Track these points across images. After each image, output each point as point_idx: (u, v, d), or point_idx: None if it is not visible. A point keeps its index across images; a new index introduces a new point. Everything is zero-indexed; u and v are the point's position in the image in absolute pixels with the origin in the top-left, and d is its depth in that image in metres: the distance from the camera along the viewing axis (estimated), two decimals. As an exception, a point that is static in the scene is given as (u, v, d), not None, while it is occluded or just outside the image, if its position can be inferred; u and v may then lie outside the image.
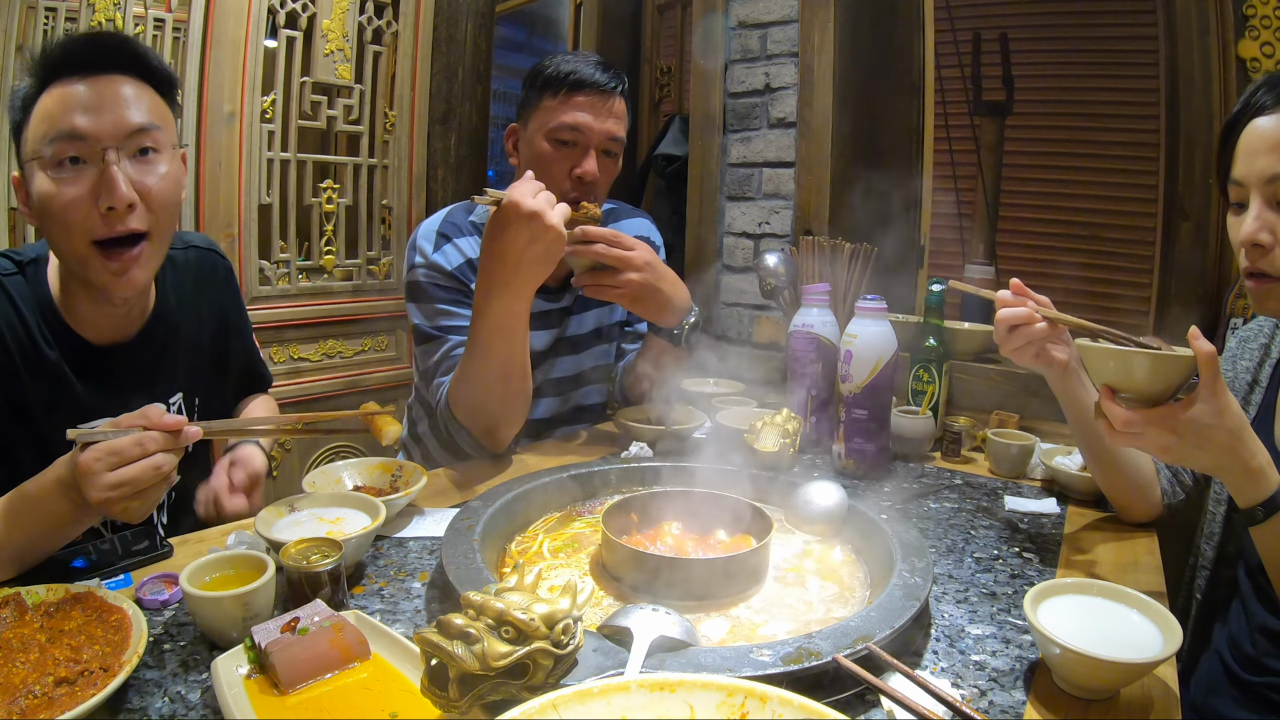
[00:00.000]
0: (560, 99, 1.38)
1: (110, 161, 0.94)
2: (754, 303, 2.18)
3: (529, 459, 1.40)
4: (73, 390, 1.05)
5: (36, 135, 0.94)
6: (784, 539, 1.05)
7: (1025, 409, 1.62)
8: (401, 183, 2.69)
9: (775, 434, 1.27)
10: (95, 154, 0.94)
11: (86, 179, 0.93)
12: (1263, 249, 0.92)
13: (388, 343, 2.72)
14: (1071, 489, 1.30)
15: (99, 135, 0.93)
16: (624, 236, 1.35)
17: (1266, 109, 0.92)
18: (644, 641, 0.70)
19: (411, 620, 0.85)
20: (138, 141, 0.97)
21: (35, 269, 1.05)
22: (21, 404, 1.02)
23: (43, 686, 0.66)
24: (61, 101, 0.93)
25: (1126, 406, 0.90)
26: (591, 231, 1.33)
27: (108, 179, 0.93)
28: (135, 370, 1.12)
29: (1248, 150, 0.94)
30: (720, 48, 2.17)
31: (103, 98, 0.94)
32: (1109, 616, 0.79)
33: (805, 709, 0.51)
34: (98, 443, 0.82)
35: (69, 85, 0.94)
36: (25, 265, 1.05)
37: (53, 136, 0.93)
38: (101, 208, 0.94)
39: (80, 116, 0.93)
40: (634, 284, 1.35)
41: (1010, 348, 1.06)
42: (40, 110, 0.94)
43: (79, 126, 0.93)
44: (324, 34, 2.40)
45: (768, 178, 2.13)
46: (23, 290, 1.03)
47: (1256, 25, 1.65)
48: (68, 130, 0.92)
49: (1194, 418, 0.85)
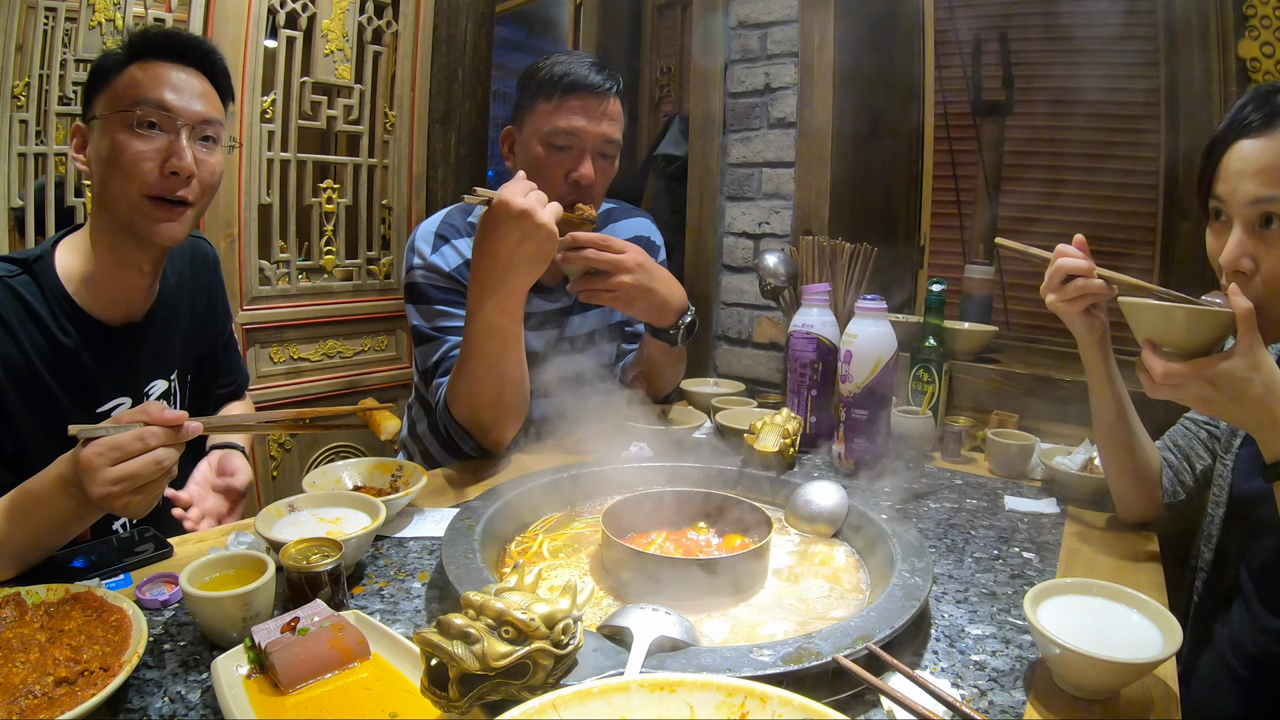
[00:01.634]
0: (555, 103, 1.37)
1: (182, 135, 1.09)
2: (754, 303, 2.18)
3: (529, 459, 1.40)
4: (90, 373, 1.12)
5: (123, 95, 1.07)
6: (784, 539, 1.05)
7: (1025, 409, 1.62)
8: (401, 183, 2.69)
9: (775, 434, 1.27)
10: (171, 126, 1.09)
11: (159, 142, 1.08)
12: (1244, 275, 0.93)
13: (388, 343, 2.72)
14: (1071, 489, 1.30)
15: (179, 112, 1.09)
16: (614, 240, 1.35)
17: (1254, 129, 0.91)
18: (644, 641, 0.70)
19: (411, 620, 0.85)
20: (203, 130, 1.12)
21: (42, 264, 1.11)
22: (44, 396, 1.07)
23: (43, 686, 0.66)
24: (155, 76, 1.09)
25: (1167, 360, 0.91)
26: (580, 238, 1.33)
27: (178, 147, 1.09)
28: (144, 349, 1.20)
29: (1233, 171, 0.93)
30: (720, 48, 2.17)
31: (187, 85, 1.11)
32: (1109, 616, 0.79)
33: (805, 709, 0.51)
34: (99, 438, 0.83)
35: (161, 65, 1.10)
36: (31, 263, 1.10)
37: (141, 100, 1.07)
38: (166, 170, 1.08)
39: (169, 93, 1.09)
40: (626, 286, 1.35)
41: (1063, 297, 1.06)
42: (129, 77, 1.09)
43: (167, 100, 1.08)
44: (324, 34, 2.40)
45: (768, 178, 2.13)
46: (30, 287, 1.09)
47: (1256, 25, 1.65)
48: (157, 100, 1.08)
49: (1230, 370, 0.86)
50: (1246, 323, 0.86)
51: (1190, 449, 1.20)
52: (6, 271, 1.08)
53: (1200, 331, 0.90)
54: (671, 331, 1.45)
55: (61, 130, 2.08)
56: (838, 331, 1.44)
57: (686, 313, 1.46)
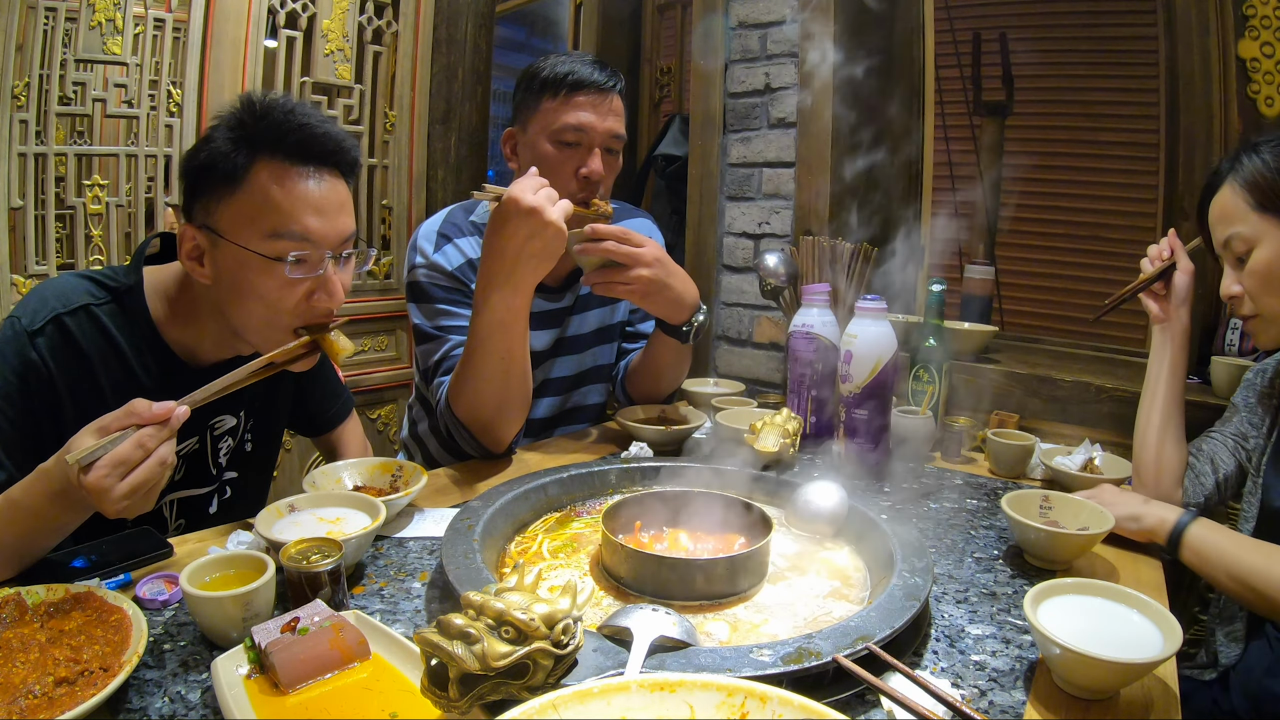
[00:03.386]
0: (560, 100, 1.37)
1: (327, 263, 0.98)
2: (754, 303, 2.18)
3: (529, 459, 1.40)
4: None
5: (255, 218, 0.94)
6: (784, 539, 1.05)
7: (1025, 409, 1.62)
8: (401, 183, 2.69)
9: (775, 434, 1.27)
10: (318, 257, 0.98)
11: (304, 275, 0.97)
12: (1239, 299, 1.10)
13: (388, 343, 2.72)
14: (1072, 489, 1.30)
15: (326, 241, 0.98)
16: (633, 233, 1.35)
17: (1220, 180, 1.10)
18: (644, 641, 0.70)
19: (411, 620, 0.85)
20: (347, 247, 1.02)
21: (133, 297, 1.03)
22: None
23: (43, 686, 0.66)
24: (295, 197, 0.95)
25: None
26: (601, 229, 1.33)
27: (330, 284, 0.99)
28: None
29: (1210, 221, 1.13)
30: (720, 48, 2.17)
31: (329, 201, 0.98)
32: (1109, 616, 0.79)
33: (805, 709, 0.51)
34: (98, 459, 0.79)
35: (297, 177, 0.96)
36: (121, 294, 1.03)
37: (283, 233, 0.95)
38: (320, 309, 0.99)
39: (313, 219, 0.96)
40: (645, 280, 1.35)
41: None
42: (261, 193, 0.95)
43: (311, 229, 0.96)
44: (324, 34, 2.40)
45: (768, 178, 2.13)
46: (118, 319, 1.02)
47: (1256, 25, 1.65)
48: (300, 232, 0.95)
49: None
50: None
51: (1214, 454, 1.23)
52: (93, 298, 1.01)
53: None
54: (684, 329, 1.46)
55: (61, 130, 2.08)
56: (838, 331, 1.44)
57: (699, 311, 1.46)
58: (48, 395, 0.97)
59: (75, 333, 0.99)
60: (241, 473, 1.24)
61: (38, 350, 0.96)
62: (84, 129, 2.09)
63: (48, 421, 0.98)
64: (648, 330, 1.62)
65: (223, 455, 1.20)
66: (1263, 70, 1.65)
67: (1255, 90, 1.67)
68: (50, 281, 1.04)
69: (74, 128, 2.18)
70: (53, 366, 0.97)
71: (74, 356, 0.99)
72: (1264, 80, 1.66)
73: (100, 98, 2.04)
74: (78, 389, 0.98)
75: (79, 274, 1.05)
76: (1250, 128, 1.67)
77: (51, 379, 0.97)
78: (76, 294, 1.01)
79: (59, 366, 0.98)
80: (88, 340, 0.99)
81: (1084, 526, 1.06)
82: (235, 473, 1.23)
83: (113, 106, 2.06)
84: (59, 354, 0.98)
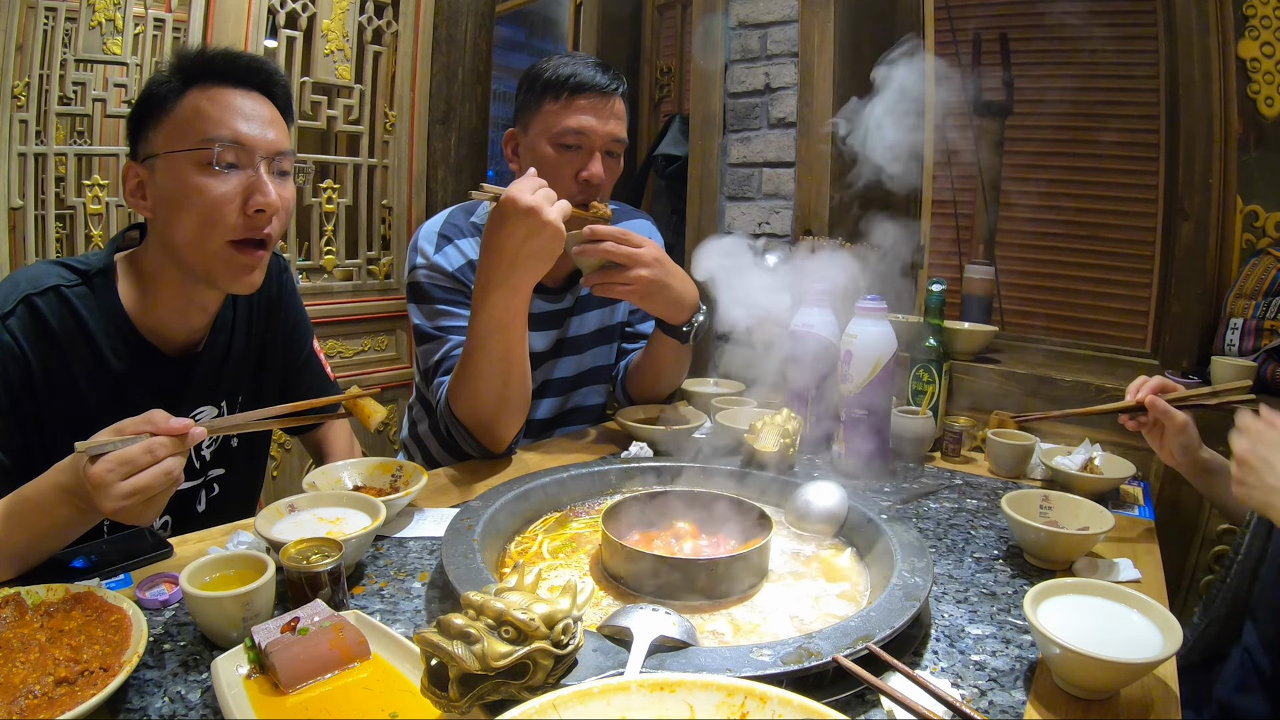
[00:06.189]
0: (562, 102, 1.37)
1: (261, 168, 1.00)
2: (754, 303, 2.18)
3: (529, 459, 1.40)
4: (136, 401, 1.02)
5: (189, 129, 0.98)
6: (784, 539, 1.05)
7: (1025, 409, 1.62)
8: (401, 183, 2.69)
9: (775, 434, 1.27)
10: (249, 161, 1.00)
11: (237, 181, 0.99)
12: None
13: (388, 343, 2.72)
14: (1072, 489, 1.30)
15: (256, 145, 1.00)
16: (632, 234, 1.35)
17: None
18: (644, 641, 0.70)
19: (411, 620, 0.85)
20: (279, 162, 1.04)
21: (104, 279, 1.04)
22: (83, 417, 0.99)
23: (43, 686, 0.66)
24: (222, 106, 0.99)
25: None
26: (600, 230, 1.33)
27: (262, 183, 1.00)
28: (196, 378, 1.14)
29: None
30: (720, 48, 2.17)
31: (258, 113, 1.02)
32: (1109, 616, 0.79)
33: (805, 709, 0.51)
34: (106, 454, 0.80)
35: (226, 91, 1.00)
36: (91, 276, 1.03)
37: (213, 136, 0.97)
38: (251, 209, 1.00)
39: (243, 124, 0.99)
40: (644, 280, 1.35)
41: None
42: (191, 107, 0.99)
43: (242, 133, 0.99)
44: (324, 34, 2.40)
45: (768, 178, 2.13)
46: (88, 301, 1.02)
47: (1256, 25, 1.65)
48: (230, 135, 0.98)
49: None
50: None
51: None
52: (64, 280, 1.01)
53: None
54: (684, 329, 1.45)
55: (61, 130, 2.08)
56: (838, 331, 1.44)
57: (699, 311, 1.46)
58: (24, 379, 0.98)
59: (45, 313, 0.99)
60: (229, 469, 1.24)
61: (9, 331, 0.97)
62: (84, 129, 2.09)
63: (28, 404, 0.99)
64: (648, 330, 1.62)
65: (205, 447, 1.20)
66: (1263, 70, 1.65)
67: (1255, 90, 1.67)
68: (24, 268, 1.06)
69: (74, 128, 2.19)
70: (26, 347, 0.98)
71: (44, 336, 0.99)
72: (1264, 80, 1.66)
73: (100, 98, 2.04)
74: (50, 370, 0.99)
75: (53, 260, 1.07)
76: (1250, 128, 1.67)
77: (26, 360, 0.98)
78: (47, 277, 1.02)
79: (31, 347, 0.98)
80: (58, 321, 1.00)
81: (1084, 526, 1.06)
82: (222, 469, 1.24)
83: (113, 106, 2.06)
84: (30, 334, 0.98)
